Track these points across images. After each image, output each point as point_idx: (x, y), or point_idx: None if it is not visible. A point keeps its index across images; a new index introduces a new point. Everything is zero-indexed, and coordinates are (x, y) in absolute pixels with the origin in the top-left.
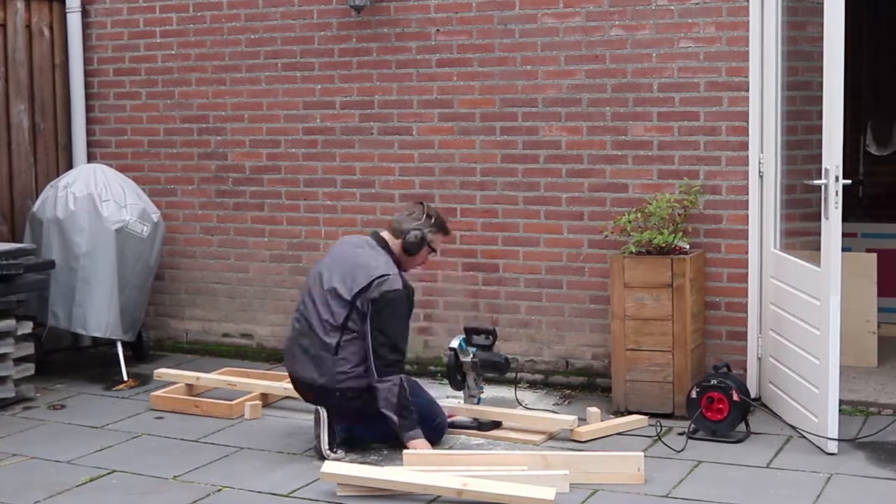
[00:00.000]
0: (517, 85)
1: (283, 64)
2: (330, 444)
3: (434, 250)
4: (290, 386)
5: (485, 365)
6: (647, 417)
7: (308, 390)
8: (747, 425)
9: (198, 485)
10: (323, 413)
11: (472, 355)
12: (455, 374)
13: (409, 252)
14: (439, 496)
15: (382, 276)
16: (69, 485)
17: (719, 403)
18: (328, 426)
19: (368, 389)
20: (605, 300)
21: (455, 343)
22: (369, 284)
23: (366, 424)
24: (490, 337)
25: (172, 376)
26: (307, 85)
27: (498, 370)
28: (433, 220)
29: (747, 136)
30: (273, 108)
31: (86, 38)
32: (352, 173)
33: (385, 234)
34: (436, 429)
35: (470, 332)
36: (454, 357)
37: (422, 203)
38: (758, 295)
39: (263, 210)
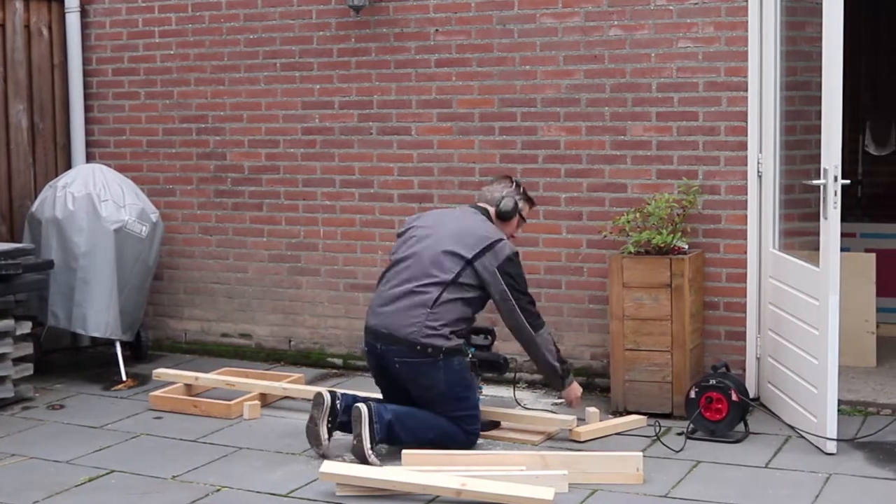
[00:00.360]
0: (516, 85)
1: (281, 64)
2: (371, 443)
3: (524, 220)
4: (290, 386)
5: (483, 365)
6: (645, 417)
7: (384, 343)
8: (746, 425)
9: (197, 485)
10: (364, 411)
11: (470, 355)
12: None
13: (504, 218)
14: (438, 496)
15: (500, 239)
16: (68, 485)
17: (718, 403)
18: (369, 425)
19: (446, 353)
20: (604, 300)
21: None
22: (489, 246)
23: (407, 413)
24: (489, 337)
25: (171, 376)
26: (306, 85)
27: (497, 370)
28: (522, 190)
29: (746, 136)
30: (272, 108)
31: (85, 38)
32: (350, 173)
33: (482, 205)
34: (470, 434)
35: (469, 332)
36: None
37: (509, 175)
38: (756, 295)
39: (262, 210)
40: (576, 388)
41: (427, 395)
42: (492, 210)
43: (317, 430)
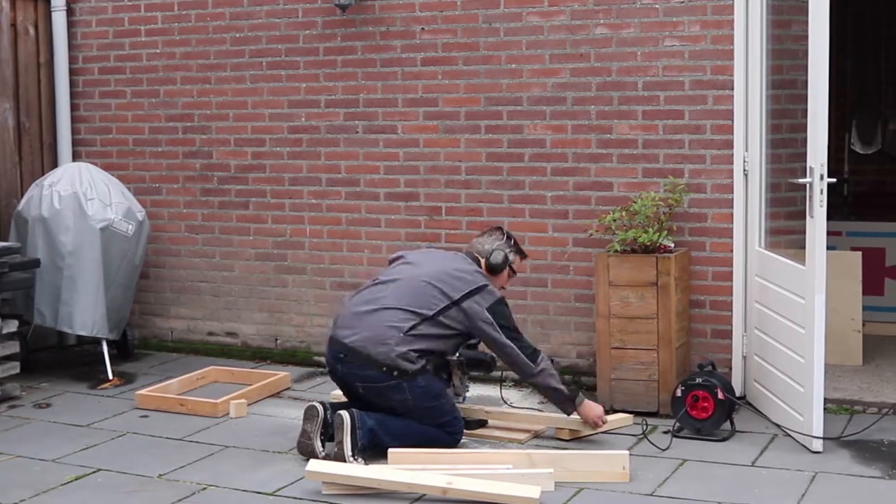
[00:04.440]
0: (502, 83)
1: (267, 63)
2: (353, 449)
3: (514, 272)
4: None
5: (470, 363)
6: (632, 416)
7: (348, 359)
8: (732, 424)
9: (183, 483)
10: (346, 418)
11: (458, 354)
12: (441, 372)
13: (494, 271)
14: (424, 495)
15: (487, 284)
16: (54, 483)
17: (704, 402)
18: (351, 432)
19: (411, 376)
20: (590, 298)
21: None
22: (479, 289)
23: (389, 417)
24: None
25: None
26: (292, 84)
27: (484, 368)
28: (512, 242)
29: (732, 134)
30: (258, 107)
31: (71, 36)
32: (336, 172)
33: (473, 254)
34: (454, 434)
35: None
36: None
37: (500, 227)
38: (743, 293)
39: (248, 209)
40: (592, 407)
41: (398, 411)
42: (482, 261)
43: (311, 444)
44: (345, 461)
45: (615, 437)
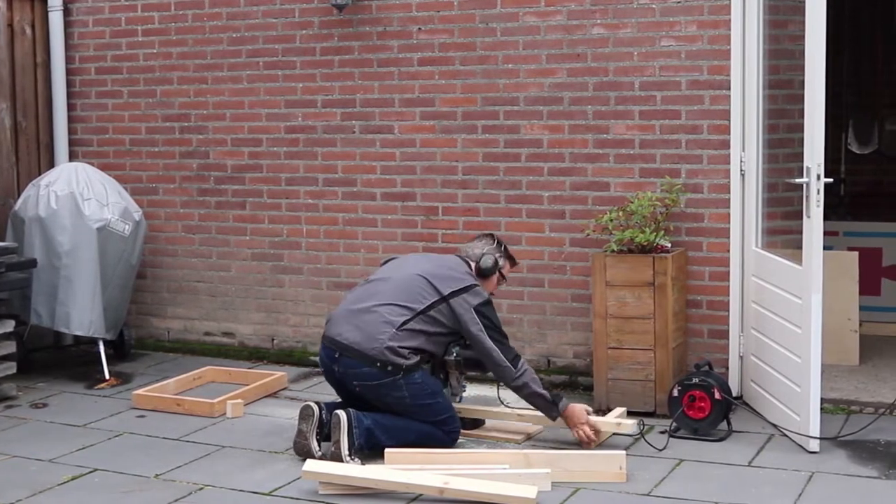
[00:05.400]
0: (499, 83)
1: (264, 62)
2: (349, 449)
3: (504, 278)
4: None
5: (468, 364)
6: (628, 416)
7: (343, 358)
8: (729, 424)
9: (179, 483)
10: (343, 418)
11: (454, 354)
12: (438, 372)
13: (483, 275)
14: (421, 494)
15: (477, 284)
16: (51, 483)
17: (701, 402)
18: (348, 431)
19: (406, 370)
20: (587, 299)
21: None
22: (467, 287)
23: (385, 417)
24: None
25: None
26: (289, 83)
27: (481, 368)
28: (503, 248)
29: (729, 134)
30: (254, 107)
31: (68, 36)
32: (333, 172)
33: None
34: (450, 433)
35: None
36: None
37: (491, 234)
38: (739, 293)
39: (245, 209)
40: (576, 411)
41: (395, 410)
42: (472, 265)
43: (307, 444)
44: (341, 461)
45: (612, 437)
